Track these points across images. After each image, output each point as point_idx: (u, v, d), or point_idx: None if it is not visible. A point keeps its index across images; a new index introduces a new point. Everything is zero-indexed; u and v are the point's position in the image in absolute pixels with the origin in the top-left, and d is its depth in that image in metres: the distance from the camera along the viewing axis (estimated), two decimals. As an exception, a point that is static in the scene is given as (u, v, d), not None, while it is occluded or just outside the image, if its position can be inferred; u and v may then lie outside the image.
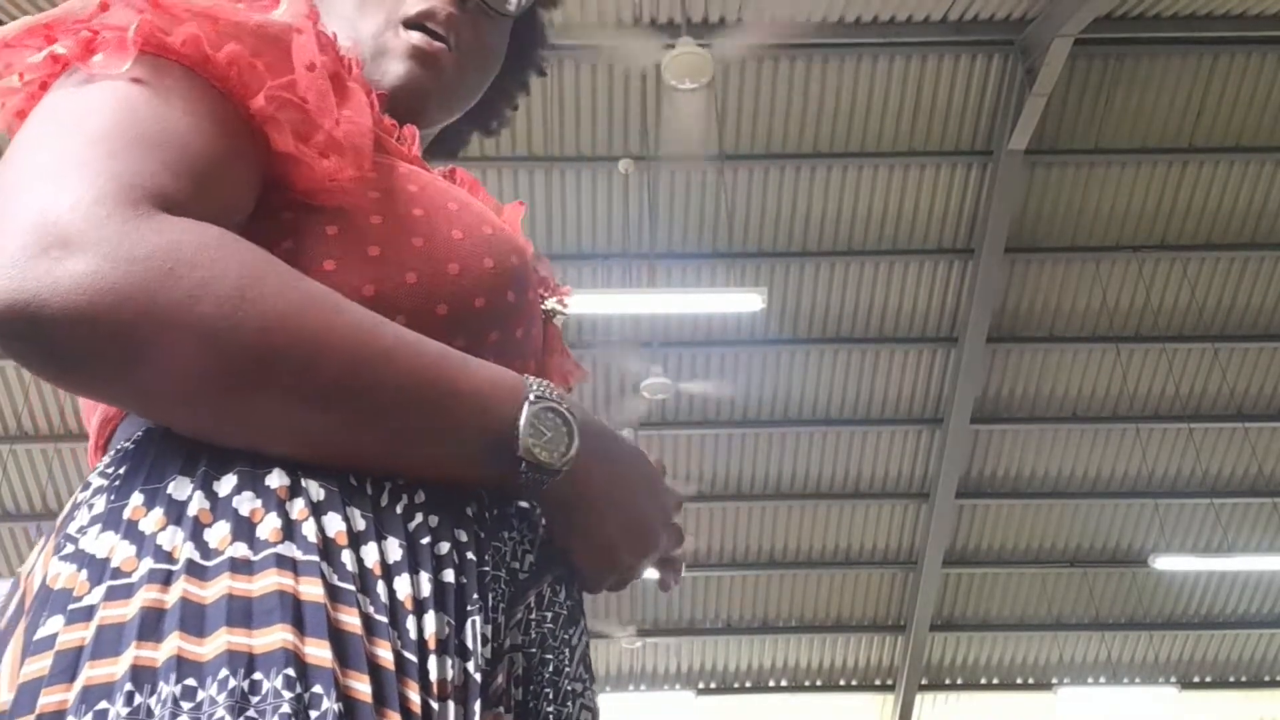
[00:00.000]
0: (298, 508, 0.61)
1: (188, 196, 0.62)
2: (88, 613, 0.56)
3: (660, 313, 8.85)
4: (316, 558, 0.59)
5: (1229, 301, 9.90)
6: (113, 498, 0.62)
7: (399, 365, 0.63)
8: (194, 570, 0.57)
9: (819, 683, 12.70)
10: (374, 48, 0.86)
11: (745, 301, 7.69)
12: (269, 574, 0.58)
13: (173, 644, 0.54)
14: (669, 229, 9.27)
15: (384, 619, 0.59)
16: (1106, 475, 11.04)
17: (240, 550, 0.59)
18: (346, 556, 0.60)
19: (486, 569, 0.66)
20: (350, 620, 0.58)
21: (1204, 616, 12.20)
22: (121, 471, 0.64)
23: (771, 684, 12.67)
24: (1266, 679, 12.72)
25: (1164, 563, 10.45)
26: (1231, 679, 12.74)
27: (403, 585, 0.61)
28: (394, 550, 0.63)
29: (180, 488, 0.61)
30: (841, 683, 12.71)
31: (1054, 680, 12.47)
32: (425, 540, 0.64)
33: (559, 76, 8.37)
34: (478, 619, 0.63)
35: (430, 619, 0.61)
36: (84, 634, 0.55)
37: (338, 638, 0.57)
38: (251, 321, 0.59)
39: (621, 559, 0.75)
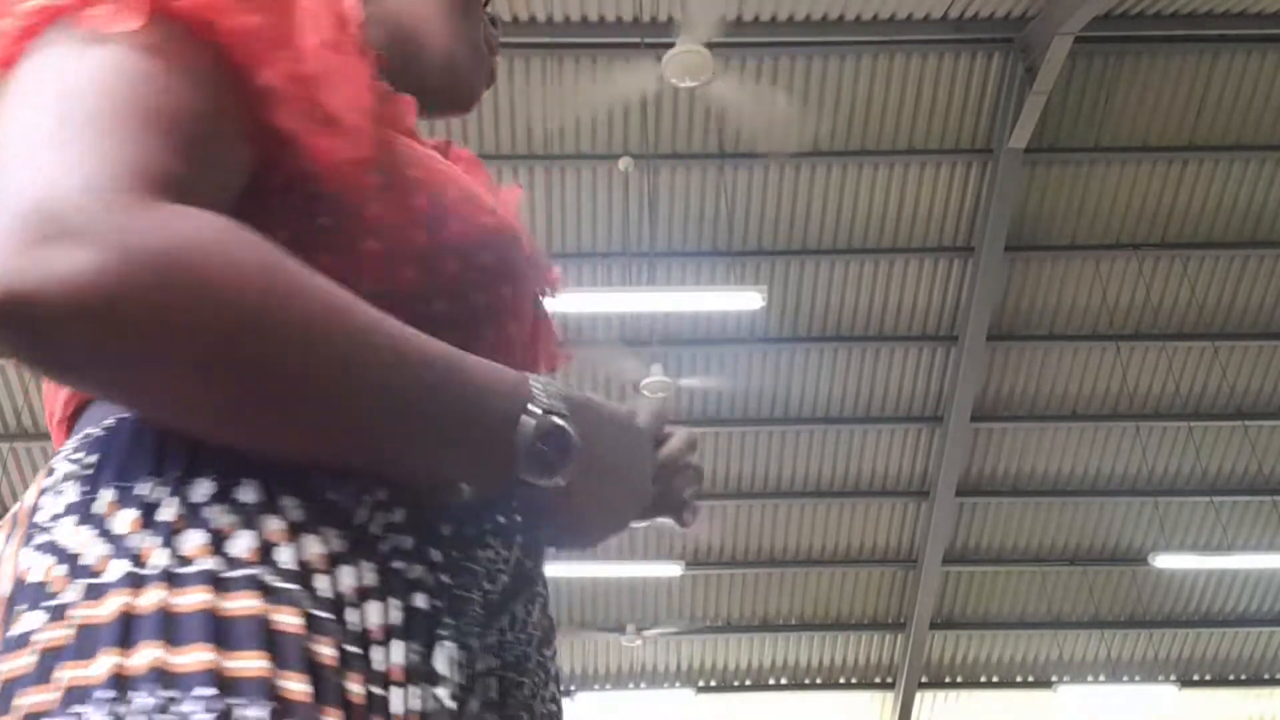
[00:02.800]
0: (272, 526, 0.59)
1: (193, 182, 0.59)
2: (61, 610, 0.55)
3: (660, 311, 8.86)
4: (292, 585, 0.57)
5: (1229, 300, 9.90)
6: (85, 489, 0.60)
7: (407, 370, 0.61)
8: (167, 578, 0.56)
9: (819, 681, 12.70)
10: (469, 43, 0.89)
11: (745, 300, 7.70)
12: (244, 596, 0.56)
13: (148, 653, 0.53)
14: (669, 227, 9.27)
15: (358, 650, 0.57)
16: (1106, 473, 11.04)
17: (214, 564, 0.57)
18: (322, 581, 0.58)
19: (460, 592, 0.64)
20: (328, 652, 0.56)
21: (1204, 615, 12.21)
22: (92, 460, 0.61)
23: (771, 682, 12.68)
24: (1266, 677, 12.73)
25: (1164, 561, 10.45)
26: (1231, 677, 12.74)
27: (374, 613, 0.59)
28: (368, 575, 0.60)
29: (153, 490, 0.59)
30: (841, 681, 12.72)
31: (1054, 678, 12.48)
32: (399, 565, 0.62)
33: (559, 75, 8.37)
34: (450, 644, 0.61)
35: (397, 649, 0.59)
36: (58, 633, 0.54)
37: (314, 670, 0.55)
38: (257, 321, 0.56)
39: (614, 526, 0.75)
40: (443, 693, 0.60)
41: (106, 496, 0.59)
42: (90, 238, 0.53)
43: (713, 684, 12.67)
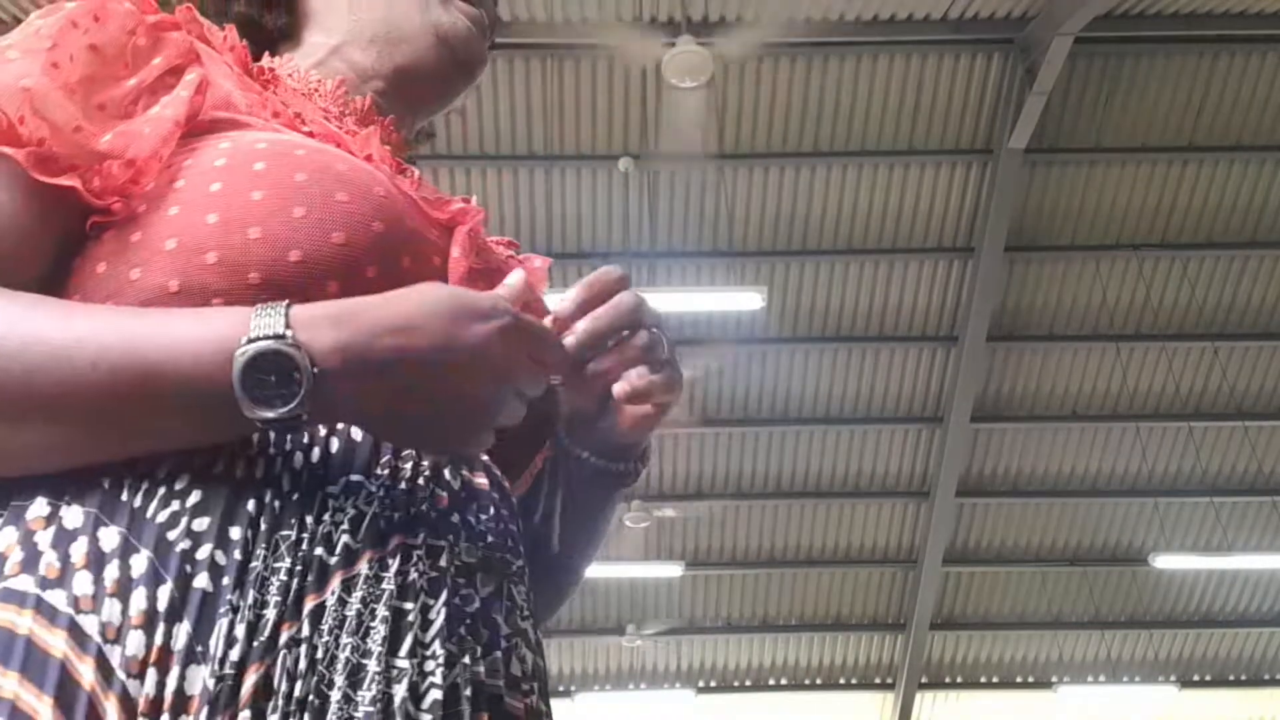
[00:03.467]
0: (47, 538, 0.61)
1: None
2: None
3: (660, 311, 8.84)
4: (40, 590, 0.59)
5: (1229, 300, 9.90)
6: None
7: (85, 360, 0.61)
8: None
9: (819, 681, 12.70)
10: (423, 23, 0.89)
11: (745, 300, 7.70)
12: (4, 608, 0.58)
13: None
14: (669, 228, 9.27)
15: (98, 640, 0.58)
16: (1106, 474, 11.04)
17: None
18: (81, 579, 0.60)
19: (256, 564, 0.61)
20: (57, 644, 0.57)
21: (1204, 615, 12.21)
22: None
23: (771, 682, 12.68)
24: (1266, 677, 12.73)
25: (1164, 561, 10.45)
26: (1231, 677, 12.74)
27: (138, 600, 0.59)
28: (140, 564, 0.61)
29: None
30: (841, 681, 12.72)
31: (1054, 679, 12.48)
32: (183, 547, 0.61)
33: (559, 75, 8.37)
34: (224, 621, 0.59)
35: (159, 632, 0.59)
36: None
37: (41, 665, 0.57)
38: None
39: (446, 445, 0.68)
40: (206, 673, 0.58)
41: None
42: None
43: (713, 684, 12.67)
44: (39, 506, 0.62)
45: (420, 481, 0.68)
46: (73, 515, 0.62)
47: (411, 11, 0.89)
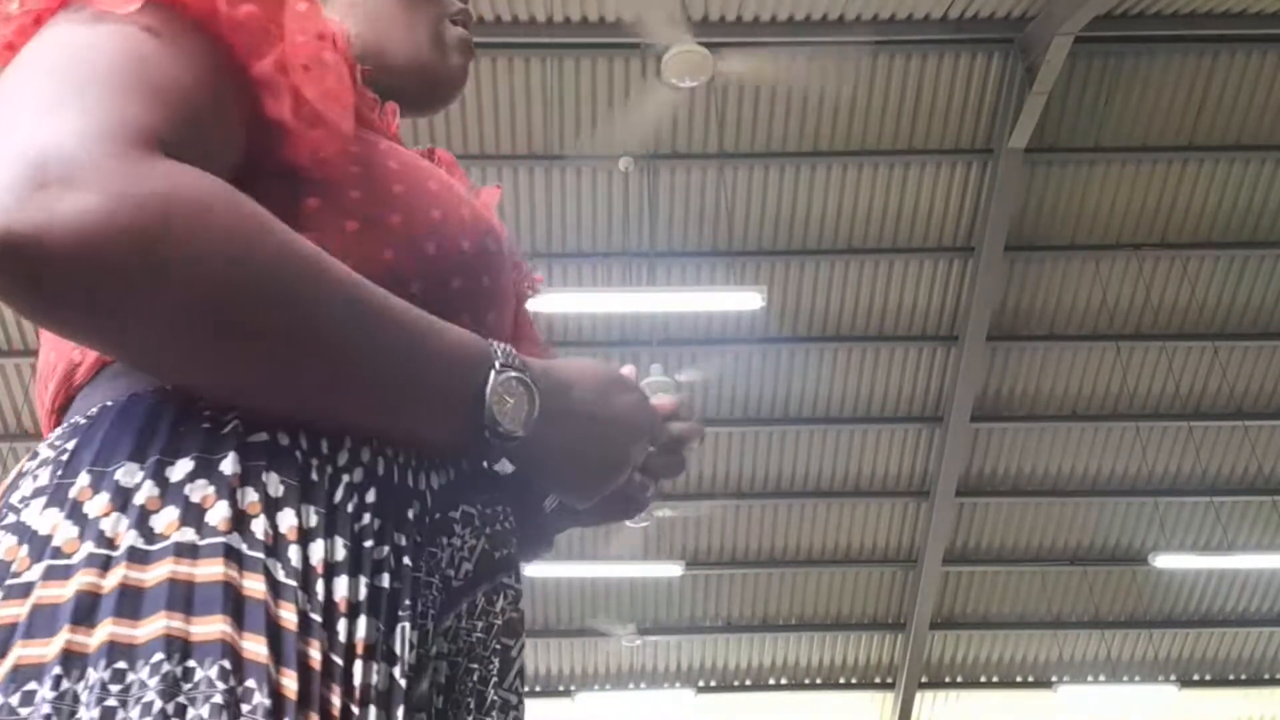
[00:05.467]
0: (249, 499, 0.61)
1: (185, 147, 0.61)
2: (25, 589, 0.56)
3: (660, 311, 8.85)
4: (262, 554, 0.59)
5: (1229, 300, 9.90)
6: (59, 473, 0.61)
7: (386, 323, 0.64)
8: (135, 556, 0.57)
9: (819, 681, 12.70)
10: (429, 35, 0.91)
11: (745, 300, 7.69)
12: (215, 562, 0.57)
13: (105, 630, 0.54)
14: (669, 227, 9.27)
15: (318, 618, 0.59)
16: (1106, 473, 11.04)
17: (187, 535, 0.58)
18: (293, 552, 0.60)
19: (419, 575, 0.66)
20: (288, 616, 0.57)
21: (1204, 615, 12.21)
22: (70, 446, 0.63)
23: (771, 682, 12.68)
24: (1266, 677, 12.73)
25: (1164, 561, 10.45)
26: (1231, 677, 12.74)
27: (340, 587, 0.61)
28: (339, 550, 0.62)
29: (129, 474, 0.60)
30: (841, 681, 12.72)
31: (1054, 678, 12.48)
32: (369, 543, 0.64)
33: (559, 75, 8.37)
34: (406, 625, 0.63)
35: (362, 623, 0.61)
36: (18, 610, 0.55)
37: (274, 633, 0.56)
38: (250, 270, 0.59)
39: (592, 491, 0.78)
40: (397, 672, 0.61)
41: (82, 481, 0.60)
42: (93, 183, 0.55)
43: (713, 684, 12.67)
44: (233, 463, 0.61)
45: (501, 525, 0.76)
46: (273, 484, 0.62)
47: (403, 42, 0.91)
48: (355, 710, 0.58)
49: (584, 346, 9.50)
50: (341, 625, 0.60)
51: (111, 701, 0.52)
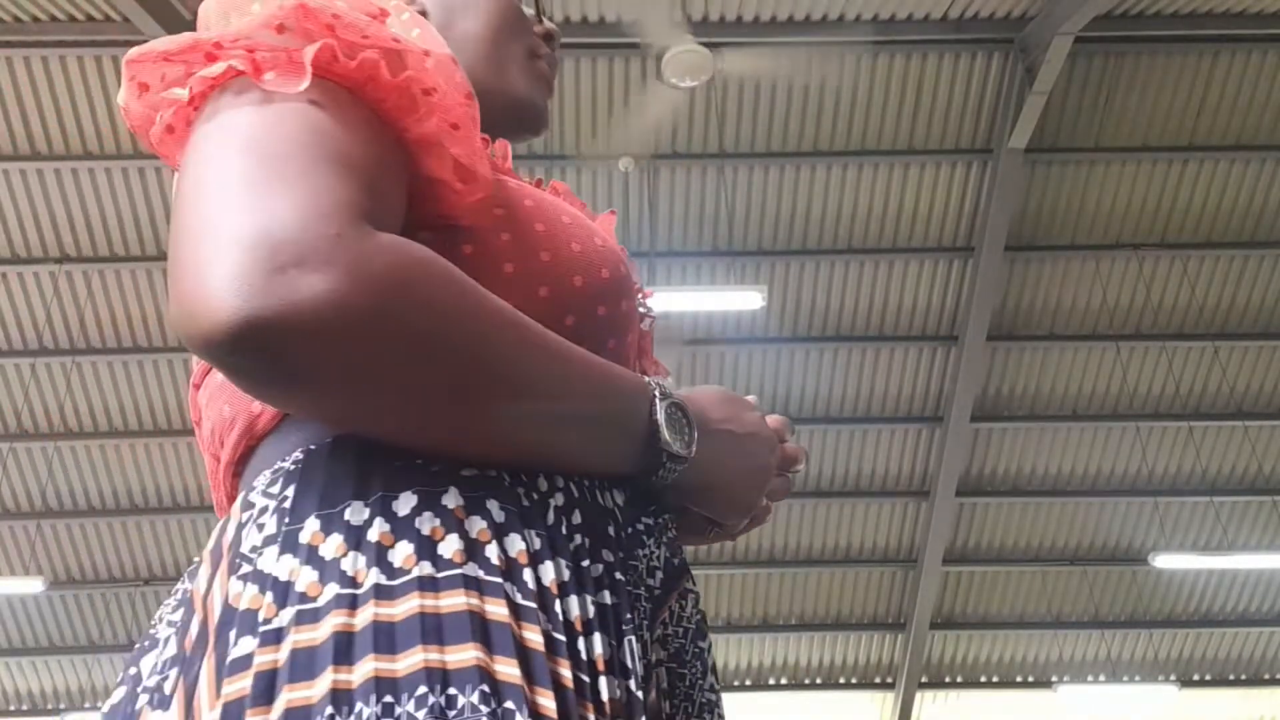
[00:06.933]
0: (477, 527, 0.63)
1: (380, 216, 0.63)
2: (278, 635, 0.57)
3: (660, 311, 8.84)
4: (500, 579, 0.60)
5: (1229, 300, 9.90)
6: (287, 520, 0.62)
7: (578, 369, 0.69)
8: (381, 592, 0.58)
9: (819, 681, 12.70)
10: (519, 73, 0.95)
11: (745, 300, 7.69)
12: (456, 593, 0.59)
13: (368, 666, 0.55)
14: (669, 227, 9.27)
15: (562, 638, 0.61)
16: (1106, 473, 11.04)
17: (426, 569, 0.59)
18: (527, 575, 0.62)
19: (630, 588, 0.68)
20: (534, 638, 0.59)
21: (1204, 615, 12.21)
22: (289, 493, 0.64)
23: (771, 682, 12.68)
24: (1266, 677, 12.72)
25: (1164, 561, 10.44)
26: (1231, 677, 12.74)
27: (573, 606, 0.63)
28: (565, 570, 0.64)
29: (357, 513, 0.61)
30: (841, 681, 12.72)
31: (1054, 678, 12.48)
32: (585, 562, 0.66)
33: (559, 75, 8.35)
34: (632, 638, 0.65)
35: (597, 640, 0.63)
36: (277, 656, 0.56)
37: (524, 655, 0.58)
38: (472, 335, 0.62)
39: (750, 506, 0.83)
40: (633, 684, 0.63)
41: (311, 526, 0.61)
42: (326, 264, 0.57)
43: (713, 684, 12.66)
44: (454, 495, 0.64)
45: (671, 533, 0.79)
46: (496, 511, 0.64)
47: (489, 71, 0.93)
48: None
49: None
50: (581, 643, 0.62)
51: None
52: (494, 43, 0.93)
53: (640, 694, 0.63)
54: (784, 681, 12.68)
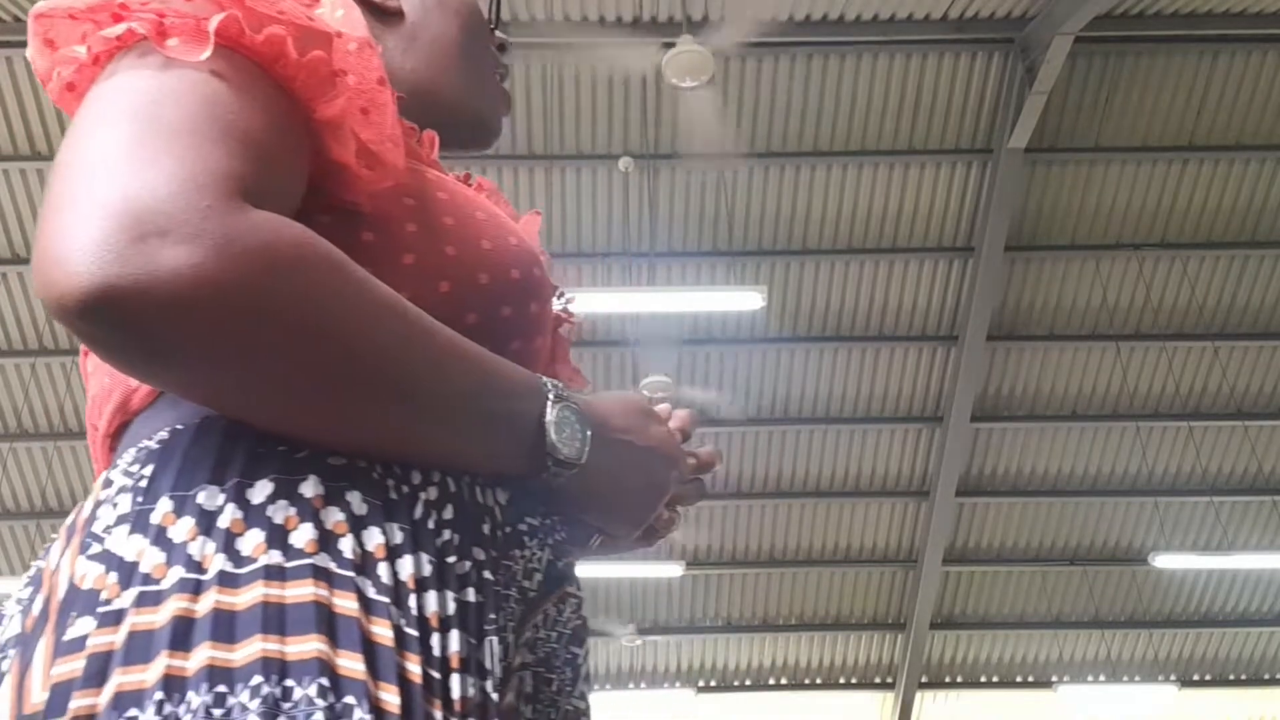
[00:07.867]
0: (334, 519, 0.61)
1: (265, 192, 0.62)
2: (117, 616, 0.56)
3: (660, 311, 8.85)
4: (352, 572, 0.59)
5: (1229, 300, 9.90)
6: (139, 499, 0.61)
7: (461, 363, 0.67)
8: (226, 580, 0.57)
9: (819, 681, 12.70)
10: (484, 84, 0.95)
11: (745, 300, 7.69)
12: (304, 584, 0.58)
13: (204, 654, 0.54)
14: (669, 227, 9.27)
15: (414, 633, 0.60)
16: (1106, 473, 11.04)
17: (274, 558, 0.58)
18: (383, 569, 0.61)
19: (499, 588, 0.67)
20: (383, 633, 0.58)
21: (1204, 614, 12.21)
22: (147, 472, 0.63)
23: (771, 682, 12.68)
24: (1266, 677, 12.73)
25: (1164, 561, 10.45)
26: (1231, 677, 12.75)
27: (431, 601, 0.62)
28: (425, 566, 0.63)
29: (211, 497, 0.61)
30: (842, 681, 12.72)
31: (1054, 678, 12.48)
32: (451, 559, 0.65)
33: (559, 75, 8.37)
34: (494, 638, 0.64)
35: (454, 637, 0.62)
36: (114, 638, 0.55)
37: (370, 649, 0.57)
38: (344, 320, 0.60)
39: (638, 521, 0.81)
40: (489, 685, 0.62)
41: (164, 507, 0.60)
42: (192, 236, 0.56)
43: (713, 684, 12.67)
44: (314, 485, 0.62)
45: (559, 535, 0.77)
46: (357, 502, 0.63)
47: (459, 87, 0.93)
48: None
49: (584, 346, 9.50)
50: (435, 640, 0.61)
51: None
52: (464, 50, 0.93)
53: (496, 695, 0.62)
54: (784, 681, 12.69)
